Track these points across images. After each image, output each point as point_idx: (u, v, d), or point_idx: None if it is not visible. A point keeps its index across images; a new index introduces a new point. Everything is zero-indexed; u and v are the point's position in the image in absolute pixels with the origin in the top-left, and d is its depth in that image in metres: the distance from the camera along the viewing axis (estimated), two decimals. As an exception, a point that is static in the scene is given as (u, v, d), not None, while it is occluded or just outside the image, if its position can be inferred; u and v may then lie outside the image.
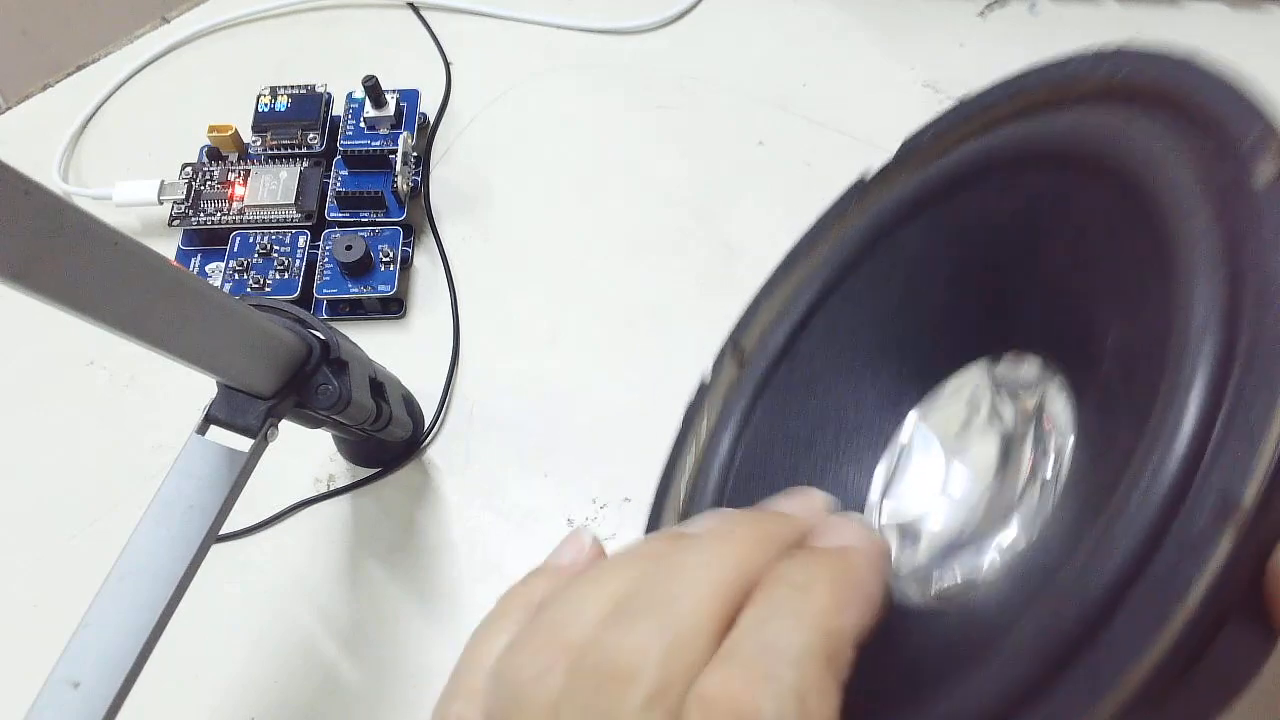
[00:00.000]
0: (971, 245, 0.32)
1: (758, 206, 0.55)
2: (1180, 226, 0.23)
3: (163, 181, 0.56)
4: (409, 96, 0.58)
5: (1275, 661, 0.22)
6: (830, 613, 0.21)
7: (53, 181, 0.59)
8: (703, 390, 0.37)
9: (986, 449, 0.32)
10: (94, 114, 0.62)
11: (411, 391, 0.50)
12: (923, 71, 0.58)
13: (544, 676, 0.21)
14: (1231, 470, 0.20)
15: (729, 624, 0.21)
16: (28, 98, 0.64)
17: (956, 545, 0.30)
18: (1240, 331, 0.21)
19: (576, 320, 0.53)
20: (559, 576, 0.25)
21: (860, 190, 0.37)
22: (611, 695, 0.20)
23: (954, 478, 0.32)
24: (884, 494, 0.33)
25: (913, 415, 0.34)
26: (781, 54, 0.60)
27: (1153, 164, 0.25)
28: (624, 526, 0.47)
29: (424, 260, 0.55)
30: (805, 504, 0.26)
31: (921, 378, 0.34)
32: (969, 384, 0.33)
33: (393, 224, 0.54)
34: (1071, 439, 0.28)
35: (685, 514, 0.34)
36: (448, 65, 0.61)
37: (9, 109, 0.64)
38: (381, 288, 0.52)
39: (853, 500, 0.34)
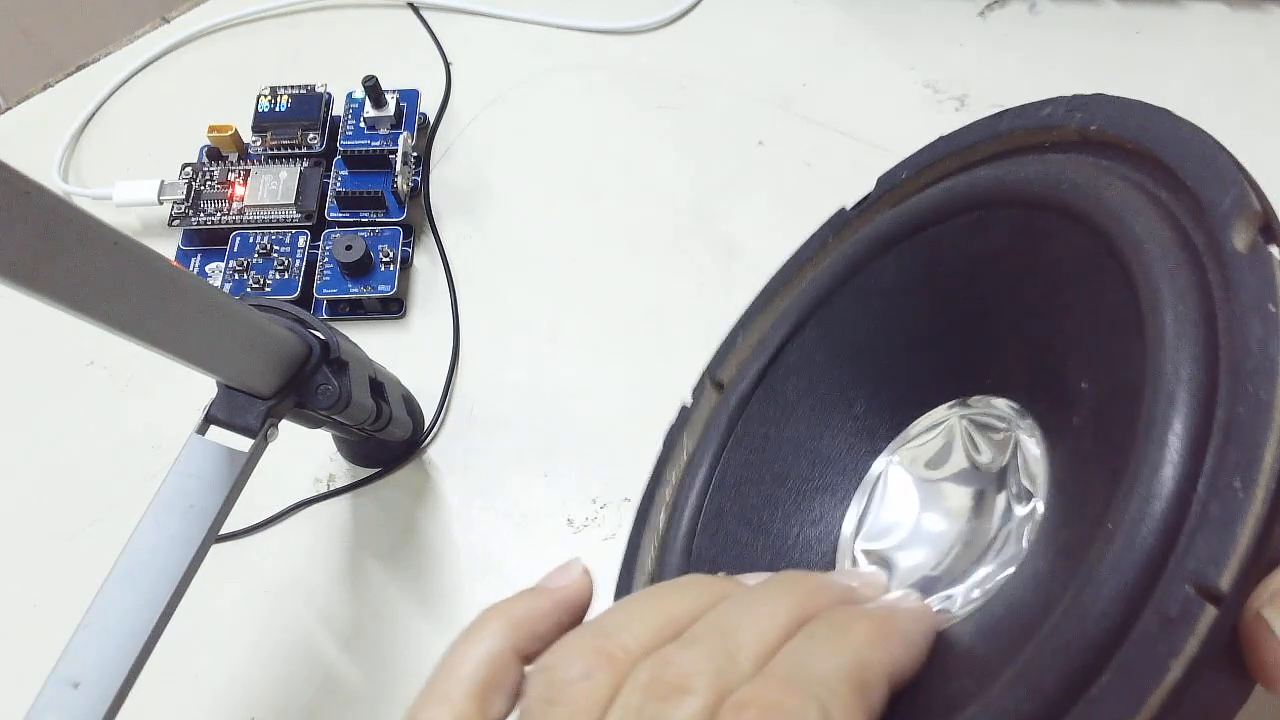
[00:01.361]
0: (945, 283, 0.32)
1: (757, 206, 0.55)
2: (1156, 286, 0.23)
3: (163, 181, 0.56)
4: (409, 96, 0.58)
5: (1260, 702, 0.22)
6: (864, 646, 0.23)
7: (53, 181, 0.59)
8: (684, 414, 0.37)
9: (961, 486, 0.32)
10: (94, 114, 0.62)
11: (411, 391, 0.50)
12: (923, 71, 0.58)
13: (591, 676, 0.22)
14: (1209, 555, 0.19)
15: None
16: (28, 98, 0.64)
17: (930, 581, 0.30)
18: (1216, 404, 0.21)
19: (576, 320, 0.53)
20: (546, 597, 0.26)
21: (839, 222, 0.37)
22: (665, 704, 0.21)
23: (928, 513, 0.32)
24: (858, 526, 0.34)
25: (887, 448, 0.34)
26: (781, 54, 0.60)
27: (1127, 220, 0.25)
28: (624, 526, 0.47)
29: (424, 260, 0.55)
30: (868, 578, 0.29)
31: (895, 411, 0.34)
32: (943, 418, 0.33)
33: (393, 224, 0.54)
34: (1044, 483, 0.28)
35: (664, 541, 0.34)
36: (448, 65, 0.61)
37: (9, 109, 0.64)
38: (381, 288, 0.52)
39: (827, 531, 0.34)
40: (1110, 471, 0.23)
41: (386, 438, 0.47)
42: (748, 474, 0.35)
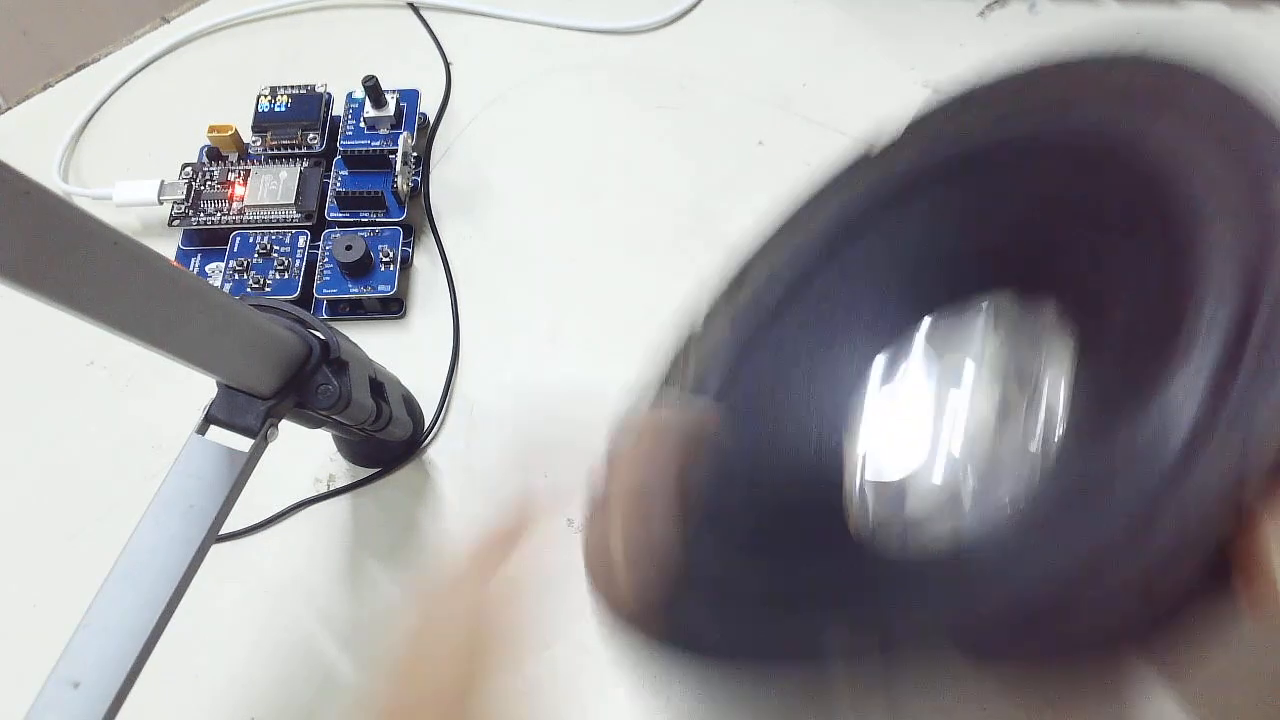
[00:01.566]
0: (989, 213, 0.33)
1: (757, 206, 0.55)
2: (1203, 230, 0.24)
3: (163, 181, 0.56)
4: (409, 96, 0.58)
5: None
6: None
7: (53, 181, 0.59)
8: (692, 337, 0.38)
9: (984, 401, 0.32)
10: (94, 114, 0.62)
11: (411, 391, 0.50)
12: (923, 72, 0.58)
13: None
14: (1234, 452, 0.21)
15: None
16: (28, 98, 0.64)
17: (948, 495, 0.31)
18: (1253, 324, 0.22)
19: (576, 320, 0.53)
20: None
21: (860, 164, 0.37)
22: None
23: (947, 431, 0.33)
24: (882, 381, 0.34)
25: (915, 352, 0.35)
26: (781, 54, 0.60)
27: (1175, 164, 0.25)
28: (624, 526, 0.47)
29: (424, 260, 0.55)
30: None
31: (928, 311, 0.35)
32: (977, 330, 0.33)
33: (393, 224, 0.54)
34: (1063, 402, 0.29)
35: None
36: (448, 65, 0.61)
37: (9, 109, 0.64)
38: (381, 288, 0.52)
39: (850, 394, 0.35)
40: (1149, 380, 0.23)
41: (386, 438, 0.47)
42: (761, 384, 0.36)
